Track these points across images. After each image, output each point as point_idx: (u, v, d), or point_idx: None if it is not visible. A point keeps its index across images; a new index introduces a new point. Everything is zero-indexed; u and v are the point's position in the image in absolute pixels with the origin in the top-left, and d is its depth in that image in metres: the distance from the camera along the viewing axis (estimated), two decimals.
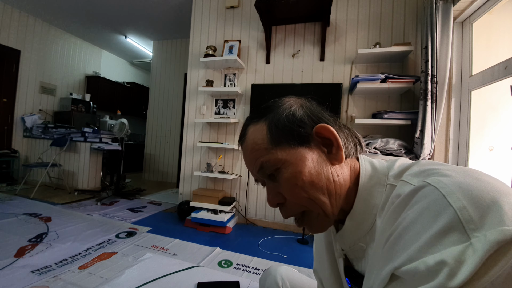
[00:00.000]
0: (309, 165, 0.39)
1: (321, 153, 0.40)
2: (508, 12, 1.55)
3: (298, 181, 0.38)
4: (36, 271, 1.38)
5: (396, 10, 2.23)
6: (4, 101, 3.78)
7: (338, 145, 0.39)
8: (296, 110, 0.42)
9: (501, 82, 1.44)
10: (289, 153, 0.39)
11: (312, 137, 0.40)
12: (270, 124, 0.41)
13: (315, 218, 0.41)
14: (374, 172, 0.41)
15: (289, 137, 0.40)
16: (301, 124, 0.40)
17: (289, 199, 0.40)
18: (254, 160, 0.42)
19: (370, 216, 0.39)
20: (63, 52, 4.66)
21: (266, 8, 2.23)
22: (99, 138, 3.50)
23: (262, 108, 0.45)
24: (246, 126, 0.45)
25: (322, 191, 0.38)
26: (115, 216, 2.47)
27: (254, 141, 0.42)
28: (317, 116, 0.41)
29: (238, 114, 2.64)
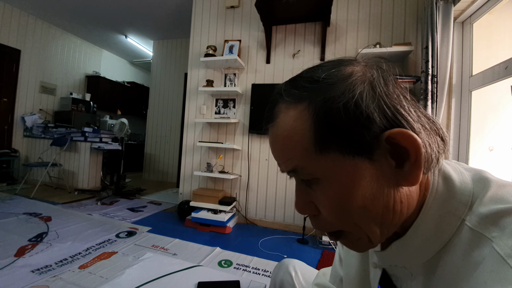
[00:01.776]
0: (365, 186, 0.27)
1: (384, 168, 0.27)
2: (508, 12, 1.55)
3: (344, 205, 0.28)
4: (36, 271, 1.38)
5: (397, 10, 2.23)
6: (5, 101, 3.78)
7: (417, 161, 0.26)
8: (362, 95, 0.26)
9: (502, 82, 1.44)
10: (339, 164, 0.27)
11: (379, 143, 0.26)
12: (317, 114, 0.27)
13: (356, 241, 0.31)
14: (449, 196, 0.29)
15: (344, 141, 0.26)
16: (366, 123, 0.26)
17: (326, 217, 0.30)
18: (284, 158, 0.31)
19: (427, 251, 0.29)
20: (63, 51, 4.66)
21: (266, 8, 2.23)
22: (99, 137, 3.50)
23: (305, 78, 0.30)
24: (276, 104, 0.32)
25: (375, 220, 0.28)
26: (115, 216, 2.47)
27: (288, 134, 0.29)
28: (393, 108, 0.26)
29: (238, 114, 2.64)
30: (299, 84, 0.30)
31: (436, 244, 0.28)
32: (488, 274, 0.22)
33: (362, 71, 0.29)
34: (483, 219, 0.25)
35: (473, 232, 0.25)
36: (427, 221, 0.29)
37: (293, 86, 0.30)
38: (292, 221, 2.42)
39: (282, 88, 0.32)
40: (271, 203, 2.50)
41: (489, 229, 0.24)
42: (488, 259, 0.23)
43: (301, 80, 0.30)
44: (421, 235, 0.29)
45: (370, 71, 0.29)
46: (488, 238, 0.24)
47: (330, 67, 0.30)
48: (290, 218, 2.43)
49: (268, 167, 2.51)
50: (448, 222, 0.28)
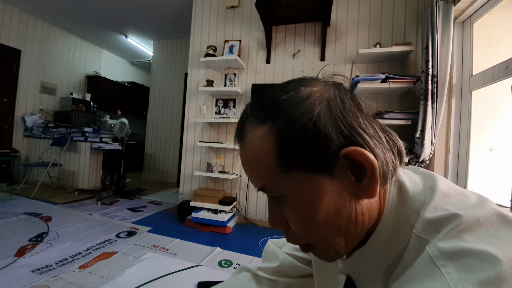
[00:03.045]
0: (327, 201, 0.28)
1: (345, 183, 0.29)
2: (508, 12, 1.55)
3: (309, 220, 0.29)
4: (37, 271, 1.38)
5: (397, 10, 2.23)
6: (5, 101, 3.79)
7: (373, 175, 0.27)
8: (320, 116, 0.28)
9: (502, 82, 1.44)
10: (302, 182, 0.29)
11: (338, 160, 0.28)
12: (279, 136, 0.28)
13: (324, 252, 0.33)
14: (402, 206, 0.31)
15: (305, 160, 0.28)
16: (325, 142, 0.27)
17: (296, 231, 0.32)
18: (254, 176, 0.32)
19: (385, 259, 0.31)
20: (64, 51, 4.67)
21: (266, 8, 2.23)
22: (99, 137, 3.50)
23: (268, 100, 0.31)
24: (244, 124, 0.33)
25: (339, 233, 0.30)
26: (115, 216, 2.47)
27: (255, 154, 0.31)
28: (350, 126, 0.28)
29: (238, 114, 2.63)
30: (263, 105, 0.31)
31: (393, 252, 0.30)
32: (418, 271, 0.25)
33: (320, 91, 0.30)
34: (425, 226, 0.28)
35: (418, 238, 0.28)
36: (385, 230, 0.31)
37: (257, 107, 0.32)
38: None
39: (248, 108, 0.33)
40: None
41: (430, 234, 0.27)
42: (420, 260, 0.26)
43: (264, 101, 0.32)
44: (380, 244, 0.31)
45: (328, 90, 0.30)
46: (426, 241, 0.27)
47: (291, 88, 0.31)
48: None
49: None
50: (402, 231, 0.30)
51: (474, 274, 0.21)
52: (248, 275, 0.59)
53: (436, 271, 0.23)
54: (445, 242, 0.25)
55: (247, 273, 0.60)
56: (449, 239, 0.25)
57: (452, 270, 0.22)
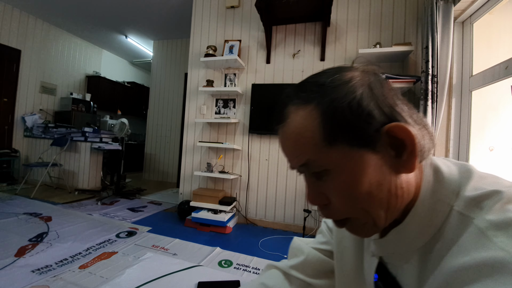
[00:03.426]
0: (370, 173, 0.30)
1: (386, 158, 0.31)
2: (508, 12, 1.55)
3: (353, 191, 0.31)
4: (37, 271, 1.38)
5: (397, 10, 2.23)
6: (5, 101, 3.79)
7: (413, 151, 0.30)
8: (363, 96, 0.30)
9: (502, 82, 1.44)
10: (346, 155, 0.31)
11: (380, 136, 0.30)
12: (325, 113, 0.31)
13: (362, 226, 0.34)
14: (438, 186, 0.32)
15: (350, 135, 0.30)
16: (368, 119, 0.30)
17: (336, 204, 0.33)
18: (296, 154, 0.34)
19: (421, 237, 0.32)
20: (64, 51, 4.67)
21: (266, 8, 2.23)
22: (99, 138, 3.50)
23: (311, 83, 0.34)
24: (286, 106, 0.35)
25: (380, 205, 0.31)
26: (115, 216, 2.47)
27: (300, 132, 0.33)
28: (389, 107, 0.31)
29: (238, 114, 2.64)
30: (306, 88, 0.34)
31: (430, 230, 0.31)
32: (468, 244, 0.25)
33: (361, 76, 0.33)
34: (467, 203, 0.29)
35: (460, 215, 0.29)
36: (422, 209, 0.32)
37: (300, 90, 0.35)
38: (292, 221, 2.42)
39: (290, 92, 0.36)
40: (271, 203, 2.50)
41: (472, 211, 0.28)
42: (469, 232, 0.26)
43: (307, 84, 0.35)
44: (416, 222, 0.33)
45: (367, 75, 0.33)
46: (471, 217, 0.27)
47: (333, 73, 0.34)
48: (290, 218, 2.43)
49: (268, 167, 2.51)
50: (440, 209, 0.31)
51: None
52: (278, 273, 0.57)
53: (488, 242, 0.24)
54: (492, 214, 0.26)
55: (277, 271, 0.58)
56: (495, 212, 0.26)
57: (504, 239, 0.23)
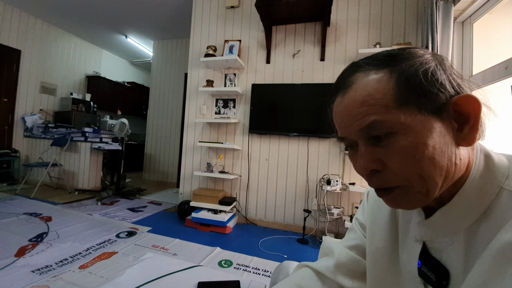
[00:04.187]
0: (436, 138, 0.31)
1: (449, 129, 0.32)
2: (508, 12, 1.55)
3: (418, 153, 0.31)
4: (37, 271, 1.38)
5: (397, 10, 2.23)
6: (5, 101, 3.79)
7: (475, 125, 0.31)
8: (437, 68, 0.32)
9: (502, 82, 1.44)
10: (416, 118, 0.31)
11: (447, 107, 0.31)
12: (400, 76, 0.32)
13: (411, 195, 0.33)
14: (488, 170, 0.33)
15: (421, 99, 0.31)
16: (441, 88, 0.31)
17: (394, 169, 0.33)
18: (360, 116, 0.33)
19: (469, 217, 0.32)
20: (64, 52, 4.67)
21: (266, 8, 2.23)
22: (99, 138, 3.50)
23: (383, 54, 0.35)
24: (353, 73, 0.36)
25: (440, 171, 0.31)
26: (115, 216, 2.47)
27: (370, 92, 0.33)
28: (457, 83, 0.32)
29: (238, 114, 2.64)
30: (378, 58, 0.35)
31: (478, 209, 0.32)
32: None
33: (431, 54, 0.35)
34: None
35: (509, 193, 0.30)
36: (471, 189, 0.33)
37: (373, 59, 0.35)
38: (292, 221, 2.42)
39: (360, 61, 0.37)
40: (271, 203, 2.50)
41: None
42: None
43: (379, 55, 0.35)
44: (465, 202, 0.33)
45: (437, 56, 0.35)
46: None
47: (405, 48, 0.35)
48: (290, 218, 2.43)
49: (268, 167, 2.51)
50: (489, 189, 0.32)
51: None
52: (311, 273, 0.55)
53: None
54: None
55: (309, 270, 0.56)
56: None
57: None
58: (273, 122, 2.43)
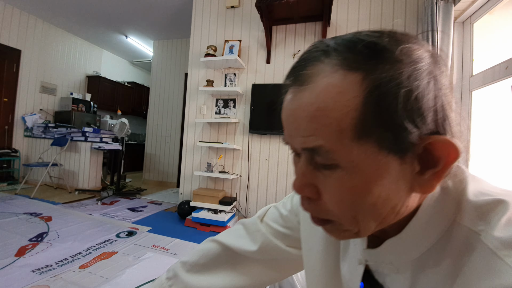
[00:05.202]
0: (385, 185, 0.25)
1: (407, 171, 0.25)
2: (509, 12, 1.55)
3: (358, 199, 0.25)
4: (37, 270, 1.38)
5: (397, 10, 2.23)
6: (5, 101, 3.79)
7: (440, 174, 0.24)
8: (427, 88, 0.23)
9: (502, 82, 1.44)
10: (371, 157, 0.24)
11: (417, 146, 0.24)
12: (371, 94, 0.23)
13: (341, 231, 0.29)
14: (443, 195, 0.28)
15: (387, 133, 0.23)
16: (418, 122, 0.23)
17: (327, 204, 0.28)
18: (307, 133, 0.25)
19: (418, 248, 0.29)
20: (64, 51, 4.67)
21: (266, 8, 2.23)
22: (99, 137, 3.50)
23: (366, 43, 0.24)
24: (316, 63, 0.25)
25: (376, 219, 0.27)
26: (115, 216, 2.47)
27: (326, 106, 0.24)
28: (444, 114, 0.24)
29: (238, 114, 2.64)
30: (356, 48, 0.24)
31: (428, 241, 0.28)
32: (481, 269, 0.22)
33: (430, 59, 0.24)
34: (471, 215, 0.26)
35: (462, 228, 0.26)
36: (424, 220, 0.28)
37: (347, 48, 0.25)
38: None
39: (331, 45, 0.26)
40: (271, 203, 2.49)
41: (477, 224, 0.25)
42: (478, 253, 0.23)
43: (360, 43, 0.24)
44: (416, 233, 0.29)
45: (435, 62, 0.25)
46: (477, 232, 0.24)
47: (399, 39, 0.24)
48: None
49: (268, 167, 2.51)
50: (441, 220, 0.27)
51: None
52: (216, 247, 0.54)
53: (502, 264, 0.21)
54: (501, 231, 0.23)
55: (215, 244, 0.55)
56: (505, 228, 0.23)
57: None
58: (273, 122, 2.43)
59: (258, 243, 0.51)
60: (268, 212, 0.57)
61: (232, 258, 0.53)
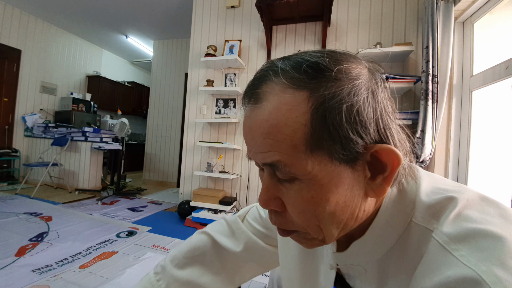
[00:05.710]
0: (341, 193, 0.27)
1: (360, 178, 0.27)
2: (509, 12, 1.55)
3: (317, 209, 0.27)
4: (37, 270, 1.38)
5: (397, 10, 2.23)
6: (5, 101, 3.79)
7: (389, 178, 0.27)
8: (366, 103, 0.25)
9: (502, 82, 1.44)
10: (324, 168, 0.26)
11: (363, 154, 0.26)
12: (317, 110, 0.25)
13: (309, 239, 0.31)
14: (400, 197, 0.30)
15: (336, 145, 0.25)
16: (362, 133, 0.25)
17: (292, 216, 0.29)
18: (264, 149, 0.27)
19: (380, 249, 0.31)
20: (64, 51, 4.67)
21: (266, 8, 2.23)
22: (99, 137, 3.50)
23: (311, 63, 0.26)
24: (268, 82, 0.28)
25: (338, 225, 0.29)
26: (115, 216, 2.47)
27: (279, 123, 0.26)
28: (385, 122, 0.27)
29: (238, 114, 2.64)
30: (301, 68, 0.26)
31: (389, 241, 0.30)
32: (432, 262, 0.24)
33: (368, 75, 0.27)
34: (424, 213, 0.28)
35: (419, 227, 0.28)
36: (383, 222, 0.30)
37: (294, 68, 0.27)
38: None
39: (279, 66, 0.27)
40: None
41: (430, 222, 0.27)
42: (430, 249, 0.25)
43: (304, 64, 0.26)
44: (377, 235, 0.31)
45: (373, 76, 0.28)
46: (430, 229, 0.26)
47: (338, 59, 0.27)
48: None
49: None
50: (399, 220, 0.29)
51: (490, 253, 0.21)
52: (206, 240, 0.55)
53: (451, 257, 0.23)
54: (449, 227, 0.25)
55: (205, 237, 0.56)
56: (453, 223, 0.25)
57: (465, 253, 0.22)
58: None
59: (242, 244, 0.54)
60: (249, 211, 0.59)
61: (220, 253, 0.55)
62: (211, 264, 0.54)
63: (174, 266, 0.52)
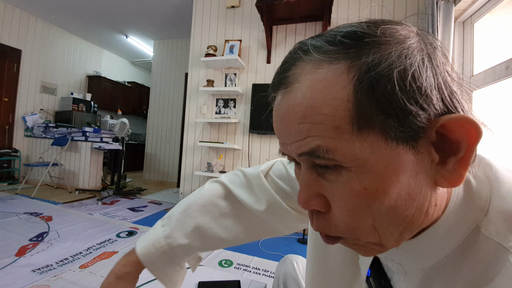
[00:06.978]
0: (404, 181, 0.21)
1: (426, 163, 0.21)
2: (509, 12, 1.55)
3: (374, 203, 0.22)
4: (37, 270, 1.38)
5: (397, 10, 2.23)
6: (5, 101, 3.79)
7: (466, 159, 0.21)
8: (423, 65, 0.20)
9: (503, 82, 1.44)
10: (378, 151, 0.21)
11: (429, 131, 0.21)
12: (361, 81, 0.20)
13: (361, 245, 0.25)
14: (468, 199, 0.24)
15: (391, 121, 0.20)
16: (424, 102, 0.20)
17: (339, 217, 0.24)
18: (301, 136, 0.23)
19: (434, 256, 0.25)
20: (64, 51, 4.67)
21: (266, 8, 2.23)
22: (100, 137, 3.51)
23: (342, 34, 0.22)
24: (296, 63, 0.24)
25: (400, 224, 0.23)
26: (115, 216, 2.47)
27: (315, 104, 0.21)
28: (451, 91, 0.21)
29: (238, 114, 2.64)
30: (335, 40, 0.22)
31: (444, 250, 0.25)
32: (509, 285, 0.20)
33: (417, 37, 0.22)
34: (498, 225, 0.22)
35: (488, 241, 0.22)
36: (445, 227, 0.24)
37: (327, 42, 0.22)
38: None
39: (309, 43, 0.23)
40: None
41: (507, 238, 0.21)
42: (507, 270, 0.20)
43: (338, 35, 0.22)
44: (433, 240, 0.25)
45: (425, 38, 0.22)
46: (506, 248, 0.21)
47: (377, 23, 0.22)
48: None
49: None
50: (462, 228, 0.24)
51: None
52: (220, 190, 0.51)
53: None
54: None
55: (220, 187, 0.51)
56: None
57: None
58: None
59: (264, 203, 0.48)
60: (273, 166, 0.51)
61: (234, 205, 0.50)
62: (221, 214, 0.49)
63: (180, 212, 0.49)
